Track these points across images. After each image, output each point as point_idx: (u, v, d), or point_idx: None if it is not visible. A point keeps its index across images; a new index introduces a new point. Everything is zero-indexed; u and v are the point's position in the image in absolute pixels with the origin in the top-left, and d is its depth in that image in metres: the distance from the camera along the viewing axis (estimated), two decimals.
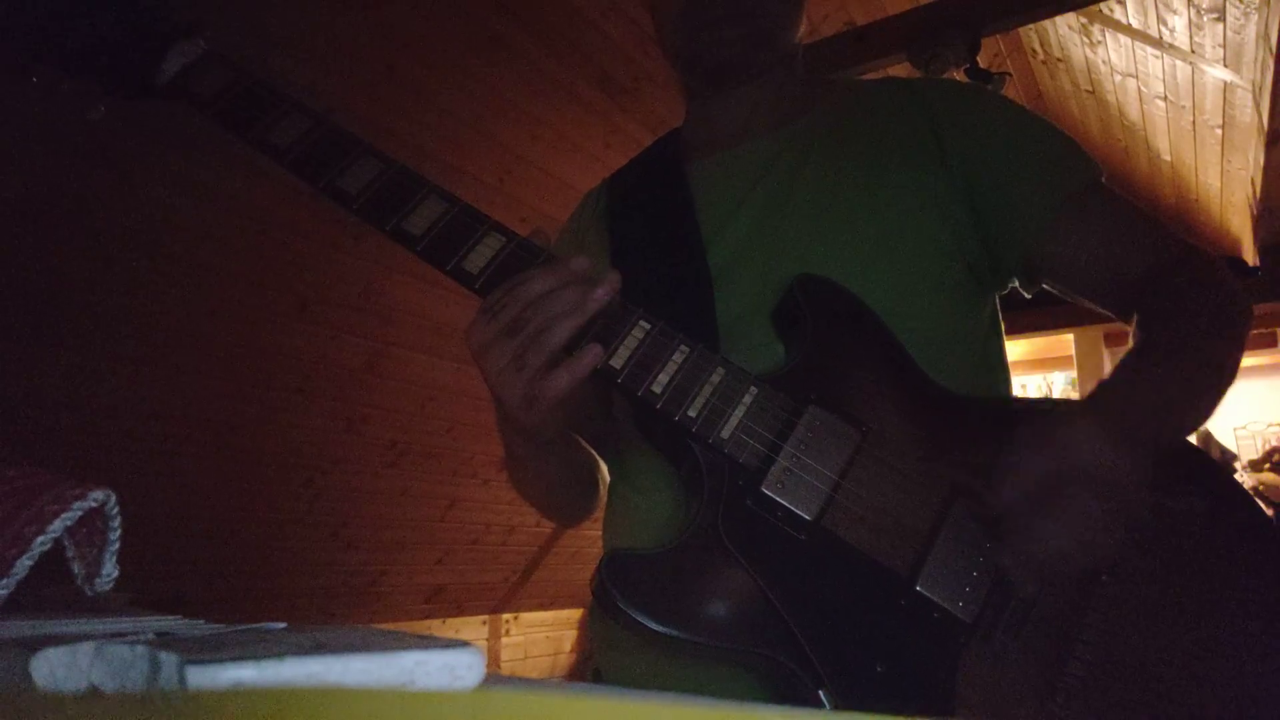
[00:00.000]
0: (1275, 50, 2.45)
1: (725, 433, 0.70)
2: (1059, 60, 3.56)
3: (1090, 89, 3.62)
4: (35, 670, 0.27)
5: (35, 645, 0.29)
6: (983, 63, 2.47)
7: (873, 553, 0.68)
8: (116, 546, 0.48)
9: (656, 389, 0.70)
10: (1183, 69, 2.99)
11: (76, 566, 0.48)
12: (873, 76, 2.12)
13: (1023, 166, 0.80)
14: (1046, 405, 1.06)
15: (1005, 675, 0.66)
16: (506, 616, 4.23)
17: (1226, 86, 2.91)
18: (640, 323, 0.71)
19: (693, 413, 0.70)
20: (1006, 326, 0.90)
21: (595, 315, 0.69)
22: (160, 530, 2.47)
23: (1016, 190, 0.79)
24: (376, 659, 0.26)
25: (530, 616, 4.37)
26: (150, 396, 2.26)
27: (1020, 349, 4.81)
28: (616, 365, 0.70)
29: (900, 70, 2.50)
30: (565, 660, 4.66)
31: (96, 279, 2.02)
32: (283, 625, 0.39)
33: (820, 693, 0.64)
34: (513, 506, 3.47)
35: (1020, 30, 3.28)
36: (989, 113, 0.85)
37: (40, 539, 0.45)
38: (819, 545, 0.68)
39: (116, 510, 0.48)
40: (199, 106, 0.84)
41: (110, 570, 0.48)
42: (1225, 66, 2.79)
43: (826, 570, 0.67)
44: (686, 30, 0.87)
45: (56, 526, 0.45)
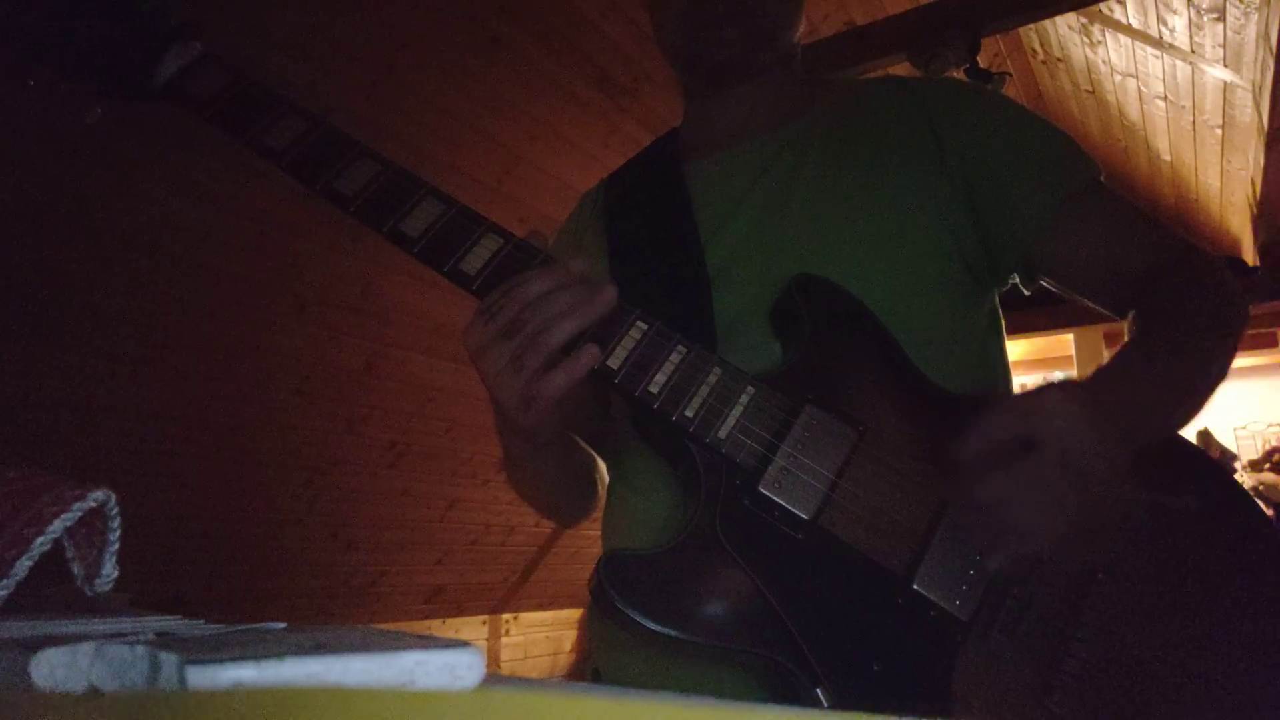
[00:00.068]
0: (1275, 50, 2.45)
1: (722, 432, 0.70)
2: (1059, 60, 3.56)
3: (1090, 89, 3.62)
4: (35, 670, 0.27)
5: (35, 645, 0.29)
6: (983, 63, 2.47)
7: (870, 552, 0.68)
8: (116, 547, 0.48)
9: (654, 389, 0.70)
10: (1183, 69, 2.99)
11: (76, 567, 0.48)
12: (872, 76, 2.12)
13: (1022, 166, 0.80)
14: None
15: (1001, 673, 0.66)
16: (506, 616, 4.23)
17: (1226, 86, 2.91)
18: (637, 323, 0.72)
19: (690, 413, 0.70)
20: (1006, 326, 0.90)
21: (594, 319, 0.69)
22: (160, 530, 2.47)
23: (1015, 190, 0.79)
24: (376, 659, 0.26)
25: (530, 616, 4.37)
26: (150, 397, 2.26)
27: (1020, 349, 4.80)
28: (614, 365, 0.70)
29: (900, 70, 2.50)
30: (565, 660, 4.66)
31: (96, 279, 2.02)
32: (283, 625, 0.39)
33: (817, 691, 0.64)
34: (512, 507, 3.47)
35: (1020, 30, 3.28)
36: (988, 112, 0.85)
37: (40, 539, 0.45)
38: (816, 544, 0.68)
39: (116, 510, 0.48)
40: (195, 108, 0.84)
41: (110, 570, 0.48)
42: (1225, 66, 2.79)
43: (823, 569, 0.67)
44: (686, 30, 0.87)
45: (56, 527, 0.45)
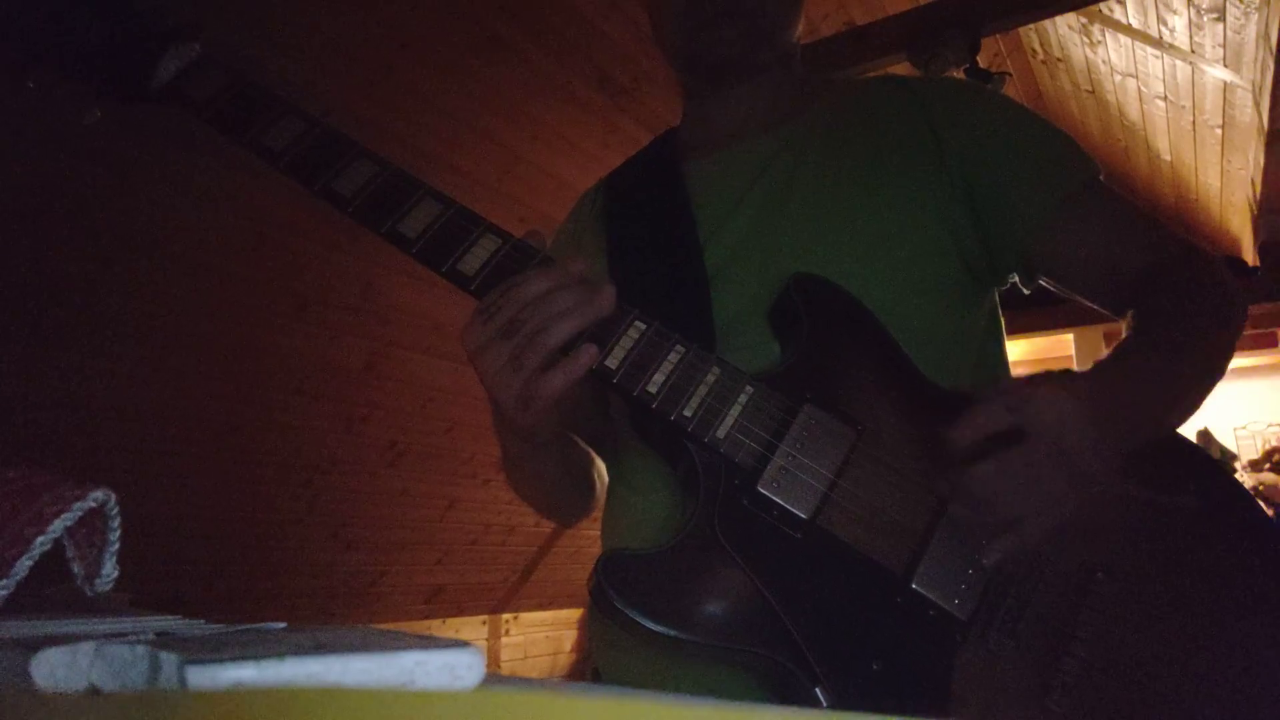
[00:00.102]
0: (1275, 50, 2.46)
1: (721, 432, 0.70)
2: (1059, 60, 3.56)
3: (1090, 89, 3.62)
4: (35, 670, 0.27)
5: (35, 645, 0.29)
6: (983, 63, 2.48)
7: (868, 551, 0.68)
8: (116, 547, 0.48)
9: (652, 389, 0.70)
10: (1183, 69, 3.00)
11: (76, 567, 0.48)
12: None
13: (1021, 165, 0.80)
14: None
15: (1001, 672, 0.66)
16: (506, 616, 4.23)
17: (1226, 86, 2.91)
18: (636, 323, 0.72)
19: (688, 412, 0.70)
20: (1006, 326, 0.89)
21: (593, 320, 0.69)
22: (160, 530, 2.47)
23: (1015, 189, 0.79)
24: (376, 659, 0.26)
25: (530, 616, 4.37)
26: (150, 396, 2.26)
27: (1020, 349, 4.81)
28: (612, 365, 0.70)
29: (900, 70, 2.50)
30: (565, 660, 4.65)
31: (95, 279, 2.02)
32: (283, 625, 0.39)
33: (817, 691, 0.64)
34: (512, 506, 3.47)
35: (1020, 30, 3.28)
36: (987, 111, 0.85)
37: (40, 539, 0.45)
38: (815, 544, 0.68)
39: (116, 510, 0.48)
40: (194, 110, 0.84)
41: (110, 570, 0.48)
42: (1225, 66, 2.79)
43: (822, 569, 0.68)
44: (686, 29, 0.87)
45: (56, 527, 0.45)
